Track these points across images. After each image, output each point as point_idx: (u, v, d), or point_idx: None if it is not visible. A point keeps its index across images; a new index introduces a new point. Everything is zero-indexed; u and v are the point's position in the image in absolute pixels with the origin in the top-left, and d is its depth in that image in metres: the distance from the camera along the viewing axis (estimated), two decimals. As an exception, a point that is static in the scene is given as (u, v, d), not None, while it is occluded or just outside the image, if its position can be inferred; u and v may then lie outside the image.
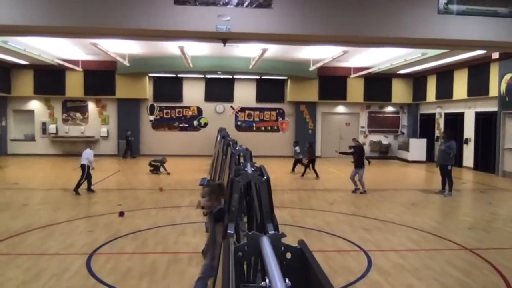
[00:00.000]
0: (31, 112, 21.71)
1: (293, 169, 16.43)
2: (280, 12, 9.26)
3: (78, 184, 11.23)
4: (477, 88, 16.77)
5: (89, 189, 11.48)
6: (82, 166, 11.33)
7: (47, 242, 7.08)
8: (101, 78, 20.75)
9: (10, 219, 8.52)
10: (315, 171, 15.15)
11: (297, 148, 16.49)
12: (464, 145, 18.44)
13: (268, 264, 1.37)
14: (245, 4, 9.14)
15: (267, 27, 9.34)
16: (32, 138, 21.72)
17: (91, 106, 21.95)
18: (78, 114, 21.93)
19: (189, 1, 9.03)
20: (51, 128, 21.52)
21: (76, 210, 9.50)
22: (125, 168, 17.43)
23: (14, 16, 8.86)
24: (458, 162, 18.84)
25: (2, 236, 7.32)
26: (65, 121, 21.86)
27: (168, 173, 15.20)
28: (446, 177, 11.97)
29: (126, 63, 18.17)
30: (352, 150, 12.73)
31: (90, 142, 12.43)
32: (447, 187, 11.96)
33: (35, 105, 21.72)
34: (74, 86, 20.82)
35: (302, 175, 15.16)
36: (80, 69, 19.88)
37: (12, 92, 20.64)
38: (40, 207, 9.80)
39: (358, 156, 12.37)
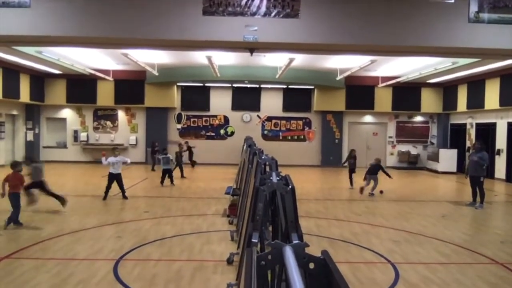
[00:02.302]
0: (63, 120, 22.33)
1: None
2: (307, 22, 9.28)
3: (123, 191, 11.79)
4: (510, 97, 16.31)
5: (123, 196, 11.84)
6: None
7: (76, 248, 7.23)
8: (131, 87, 21.18)
9: (42, 224, 8.74)
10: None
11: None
12: (496, 156, 17.93)
13: (290, 274, 1.37)
14: (273, 14, 9.21)
15: (294, 36, 9.38)
16: (64, 146, 22.31)
17: (121, 115, 22.41)
18: (108, 122, 22.41)
19: (217, 12, 9.16)
20: (82, 135, 22.06)
21: (105, 216, 9.68)
22: (152, 175, 17.65)
23: (48, 27, 9.18)
24: (490, 174, 18.35)
25: (33, 241, 7.51)
26: (95, 129, 22.38)
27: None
28: (478, 189, 11.67)
29: (155, 72, 18.50)
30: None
31: (115, 149, 12.58)
32: (478, 199, 11.66)
33: (67, 113, 22.32)
34: (105, 95, 21.33)
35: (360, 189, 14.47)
36: (111, 78, 20.36)
37: (45, 100, 21.28)
38: (70, 212, 10.02)
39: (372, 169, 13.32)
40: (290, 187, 3.17)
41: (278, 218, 3.81)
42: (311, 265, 1.55)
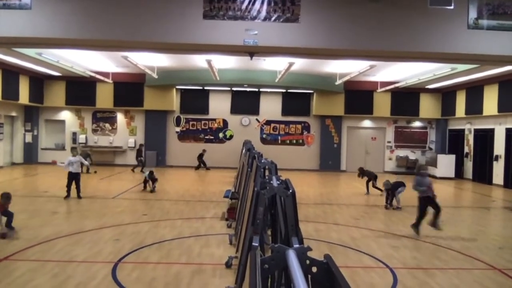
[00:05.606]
0: (62, 122, 22.32)
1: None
2: (307, 26, 9.32)
3: (78, 191, 12.27)
4: (508, 104, 16.37)
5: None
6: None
7: (75, 250, 7.22)
8: (130, 90, 21.20)
9: (40, 226, 8.72)
10: (375, 187, 14.43)
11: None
12: (494, 162, 17.99)
13: (294, 278, 1.38)
14: (273, 18, 9.25)
15: (294, 41, 9.41)
16: (62, 148, 22.28)
17: (120, 117, 22.41)
18: (107, 125, 22.41)
19: (217, 16, 9.20)
20: (81, 138, 22.05)
21: (104, 219, 9.66)
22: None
23: (49, 29, 9.20)
24: (488, 180, 18.41)
25: (31, 243, 7.50)
26: (94, 131, 22.37)
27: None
28: None
29: (155, 75, 18.53)
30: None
31: (74, 149, 13.69)
32: None
33: (66, 115, 22.32)
34: (104, 97, 21.33)
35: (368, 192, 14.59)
36: (110, 81, 20.37)
37: (44, 102, 21.28)
38: (68, 215, 10.01)
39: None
40: (290, 191, 3.19)
41: (278, 222, 3.82)
42: (314, 269, 1.56)
